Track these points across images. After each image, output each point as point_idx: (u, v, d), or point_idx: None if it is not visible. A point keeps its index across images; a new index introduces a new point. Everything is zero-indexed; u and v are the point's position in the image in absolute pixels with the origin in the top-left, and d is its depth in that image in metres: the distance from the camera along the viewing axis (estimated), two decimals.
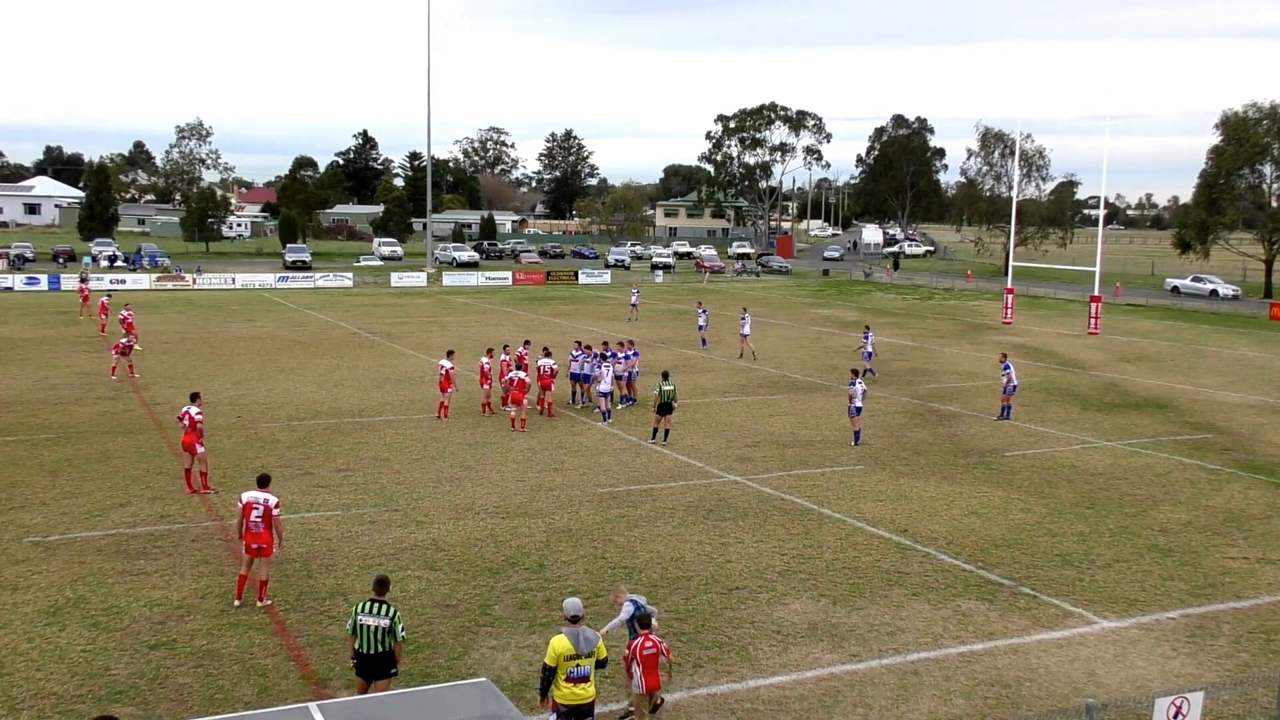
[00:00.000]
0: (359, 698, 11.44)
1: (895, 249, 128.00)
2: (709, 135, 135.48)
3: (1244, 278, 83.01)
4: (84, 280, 59.12)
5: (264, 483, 15.56)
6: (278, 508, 15.31)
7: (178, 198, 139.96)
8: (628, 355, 31.19)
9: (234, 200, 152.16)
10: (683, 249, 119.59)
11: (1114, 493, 22.36)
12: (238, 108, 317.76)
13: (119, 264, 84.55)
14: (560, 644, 10.74)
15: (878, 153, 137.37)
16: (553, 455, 24.61)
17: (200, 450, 20.64)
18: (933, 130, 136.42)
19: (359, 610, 11.74)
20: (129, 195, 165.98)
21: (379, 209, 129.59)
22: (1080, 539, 19.21)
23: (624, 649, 12.62)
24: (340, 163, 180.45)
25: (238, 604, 15.29)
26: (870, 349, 37.79)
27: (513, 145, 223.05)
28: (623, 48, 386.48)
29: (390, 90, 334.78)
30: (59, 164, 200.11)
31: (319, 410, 29.40)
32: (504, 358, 29.75)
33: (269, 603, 15.35)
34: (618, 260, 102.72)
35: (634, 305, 56.27)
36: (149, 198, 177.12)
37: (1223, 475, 24.07)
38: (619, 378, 30.23)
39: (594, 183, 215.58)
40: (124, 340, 34.83)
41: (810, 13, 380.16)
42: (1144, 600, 16.34)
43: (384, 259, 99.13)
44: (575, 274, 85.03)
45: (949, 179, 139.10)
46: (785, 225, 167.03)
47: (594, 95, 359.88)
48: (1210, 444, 27.29)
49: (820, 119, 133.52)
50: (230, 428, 26.77)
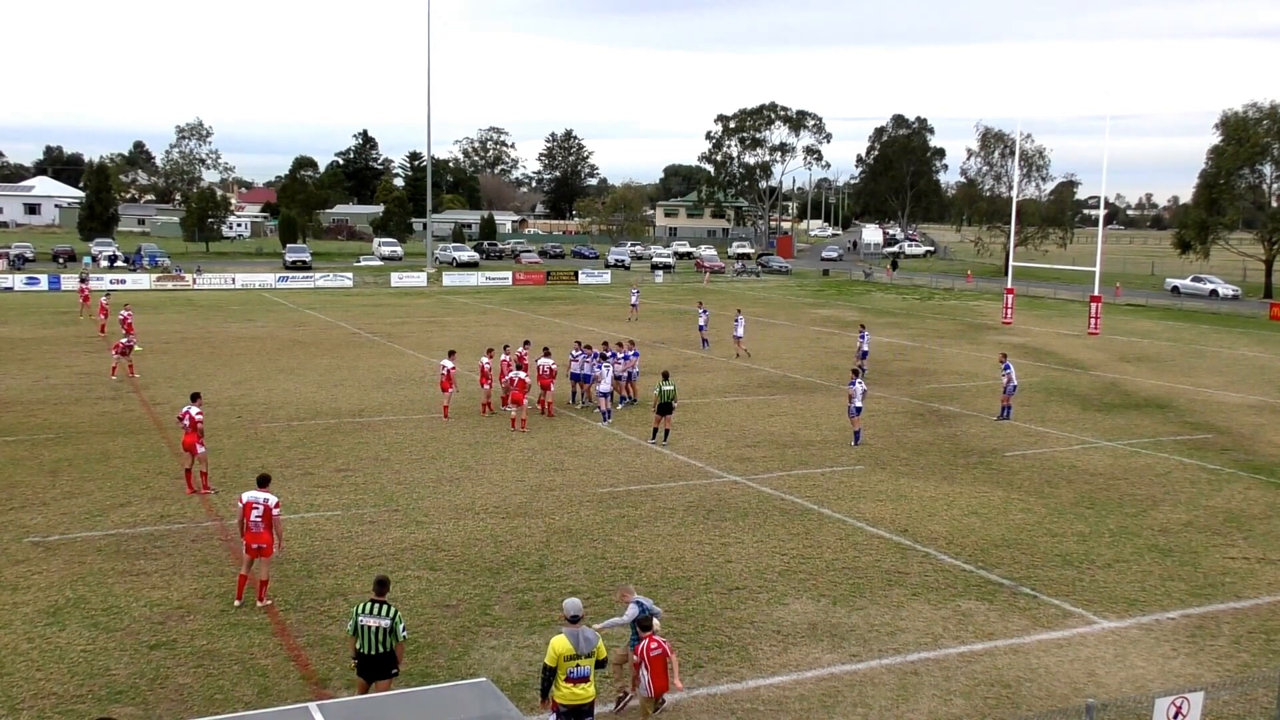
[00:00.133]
0: (359, 698, 11.44)
1: (895, 249, 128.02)
2: (709, 135, 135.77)
3: (1244, 278, 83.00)
4: (84, 280, 59.15)
5: (264, 483, 15.56)
6: (278, 508, 15.32)
7: (178, 198, 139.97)
8: (627, 355, 31.20)
9: (234, 200, 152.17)
10: (683, 249, 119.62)
11: (1114, 493, 22.37)
12: (238, 108, 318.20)
13: (119, 264, 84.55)
14: (560, 644, 10.74)
15: (878, 153, 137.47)
16: (553, 455, 24.62)
17: (200, 450, 20.65)
18: (933, 130, 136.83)
19: (359, 611, 11.74)
20: (129, 195, 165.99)
21: (379, 209, 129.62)
22: (1080, 539, 19.22)
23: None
24: (340, 163, 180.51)
25: (238, 604, 15.29)
26: (865, 348, 37.85)
27: (513, 145, 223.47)
28: (623, 48, 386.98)
29: (390, 90, 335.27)
30: (59, 164, 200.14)
31: (319, 410, 29.41)
32: (504, 358, 29.76)
33: (269, 603, 15.35)
34: (618, 260, 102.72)
35: (634, 305, 56.29)
36: (149, 198, 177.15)
37: (1223, 475, 24.07)
38: (619, 378, 30.24)
39: (594, 183, 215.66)
40: (124, 340, 34.84)
41: (810, 13, 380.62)
42: (1144, 600, 16.35)
43: (384, 259, 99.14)
44: (575, 274, 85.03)
45: (949, 179, 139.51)
46: (785, 225, 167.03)
47: (594, 95, 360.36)
48: (1210, 444, 27.29)
49: (820, 119, 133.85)
50: (230, 428, 26.78)
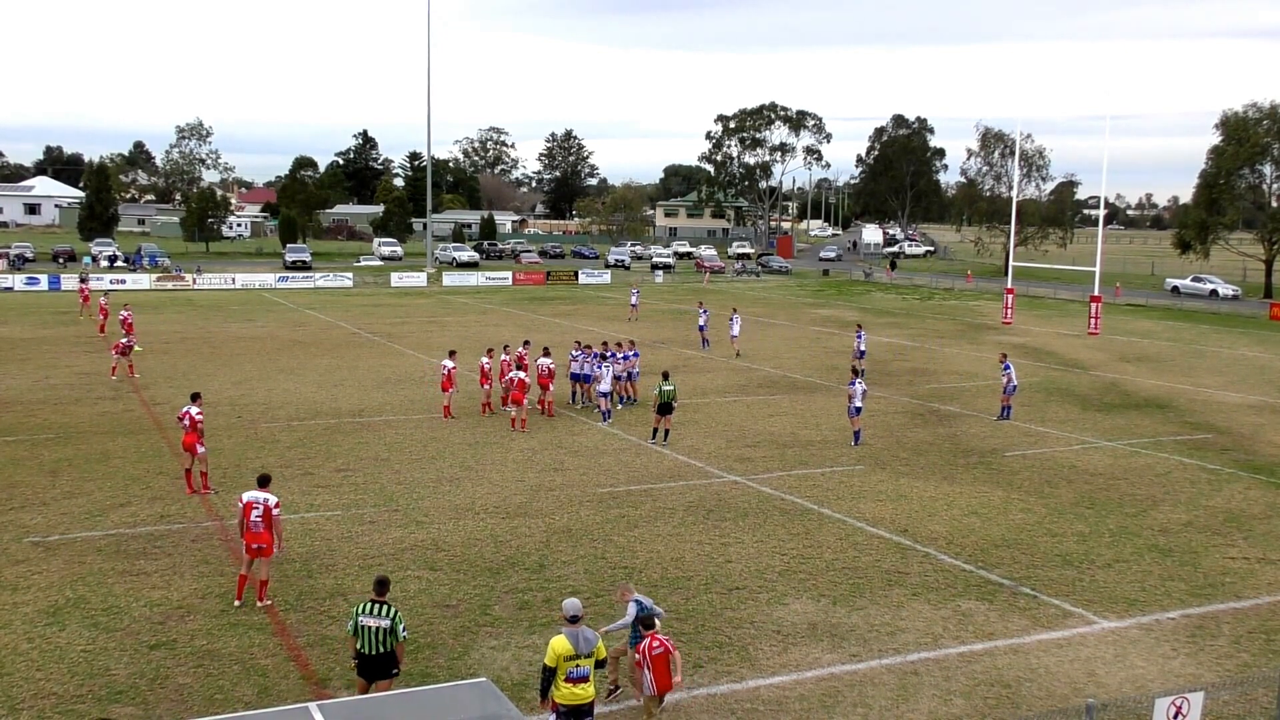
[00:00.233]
0: (359, 698, 11.44)
1: (895, 249, 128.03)
2: (709, 135, 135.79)
3: (1244, 278, 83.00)
4: (84, 280, 59.13)
5: (264, 482, 15.57)
6: (278, 508, 15.32)
7: (178, 198, 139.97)
8: (627, 355, 31.20)
9: (234, 200, 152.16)
10: (683, 249, 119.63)
11: (1114, 493, 22.36)
12: (238, 108, 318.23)
13: (119, 264, 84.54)
14: (560, 644, 10.73)
15: (878, 153, 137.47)
16: (553, 455, 24.62)
17: (200, 450, 20.65)
18: (933, 130, 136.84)
19: (360, 611, 11.73)
20: (129, 195, 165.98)
21: (379, 209, 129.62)
22: (1080, 539, 19.22)
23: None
24: (340, 163, 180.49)
25: (238, 604, 15.29)
26: (863, 348, 37.86)
27: (513, 145, 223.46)
28: (623, 48, 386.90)
29: (390, 90, 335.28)
30: (59, 164, 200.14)
31: (319, 410, 29.41)
32: (504, 358, 29.76)
33: (269, 603, 15.35)
34: (618, 260, 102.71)
35: (634, 305, 56.30)
36: (149, 198, 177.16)
37: (1223, 475, 24.07)
38: (619, 378, 30.23)
39: (594, 183, 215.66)
40: (124, 340, 34.84)
41: (810, 13, 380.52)
42: (1144, 600, 16.35)
43: (384, 259, 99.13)
44: (575, 274, 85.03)
45: (949, 179, 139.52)
46: (785, 225, 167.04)
47: (594, 95, 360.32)
48: (1210, 444, 27.29)
49: (820, 119, 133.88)
50: (230, 428, 26.78)
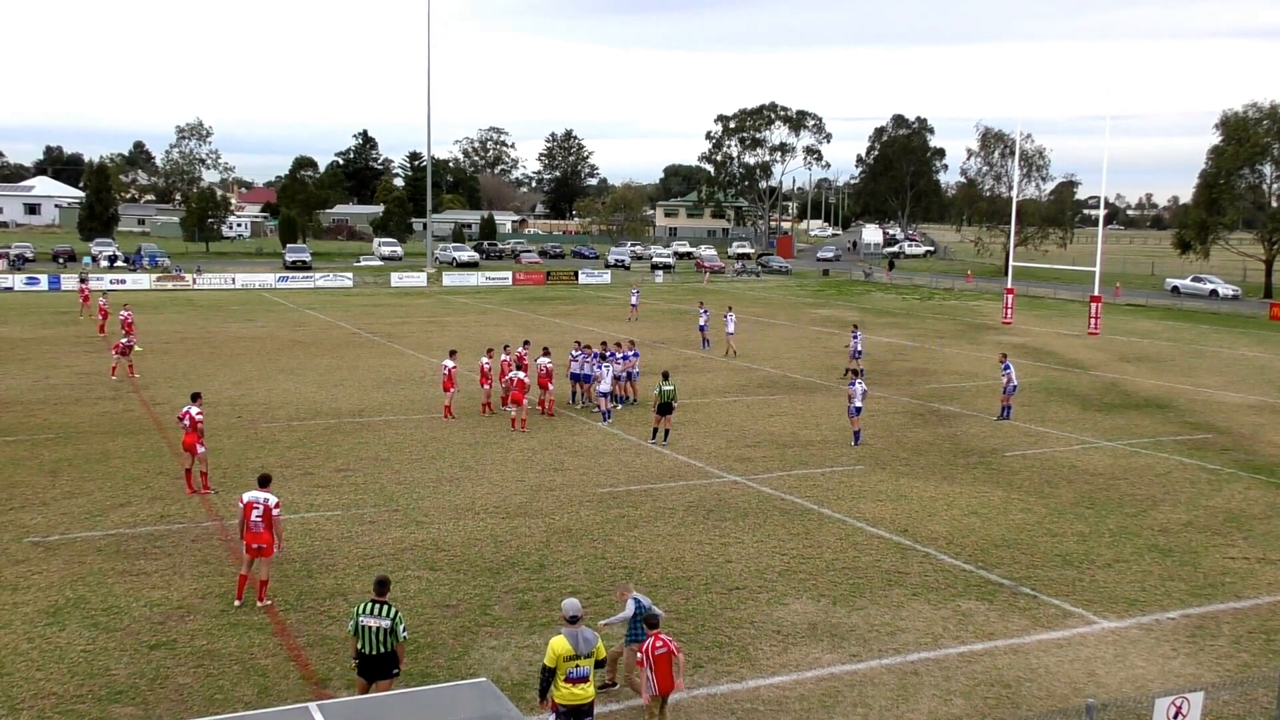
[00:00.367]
0: (359, 698, 11.44)
1: (895, 249, 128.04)
2: (709, 135, 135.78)
3: (1244, 278, 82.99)
4: (84, 280, 59.11)
5: (265, 482, 15.57)
6: (278, 508, 15.32)
7: (178, 198, 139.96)
8: (626, 355, 31.20)
9: (234, 200, 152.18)
10: (683, 249, 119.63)
11: (1114, 493, 22.37)
12: (238, 108, 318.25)
13: (119, 264, 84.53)
14: (559, 645, 10.73)
15: (878, 153, 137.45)
16: (553, 455, 24.62)
17: (200, 450, 20.65)
18: (933, 130, 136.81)
19: (360, 611, 11.74)
20: (129, 195, 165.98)
21: (379, 209, 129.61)
22: (1080, 539, 19.22)
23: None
24: (340, 163, 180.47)
25: (238, 604, 15.29)
26: (859, 348, 37.86)
27: (513, 145, 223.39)
28: (623, 48, 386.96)
29: (390, 90, 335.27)
30: (59, 164, 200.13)
31: (319, 410, 29.41)
32: (504, 358, 29.76)
33: (269, 603, 15.35)
34: (618, 260, 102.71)
35: (634, 305, 56.30)
36: (149, 198, 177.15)
37: (1223, 475, 24.07)
38: (618, 378, 30.24)
39: (594, 183, 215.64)
40: (124, 340, 34.84)
41: (810, 13, 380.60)
42: (1144, 600, 16.35)
43: (384, 259, 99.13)
44: (575, 274, 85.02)
45: (949, 179, 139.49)
46: (785, 225, 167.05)
47: (594, 95, 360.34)
48: (1210, 444, 27.29)
49: (820, 119, 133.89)
50: (230, 428, 26.78)
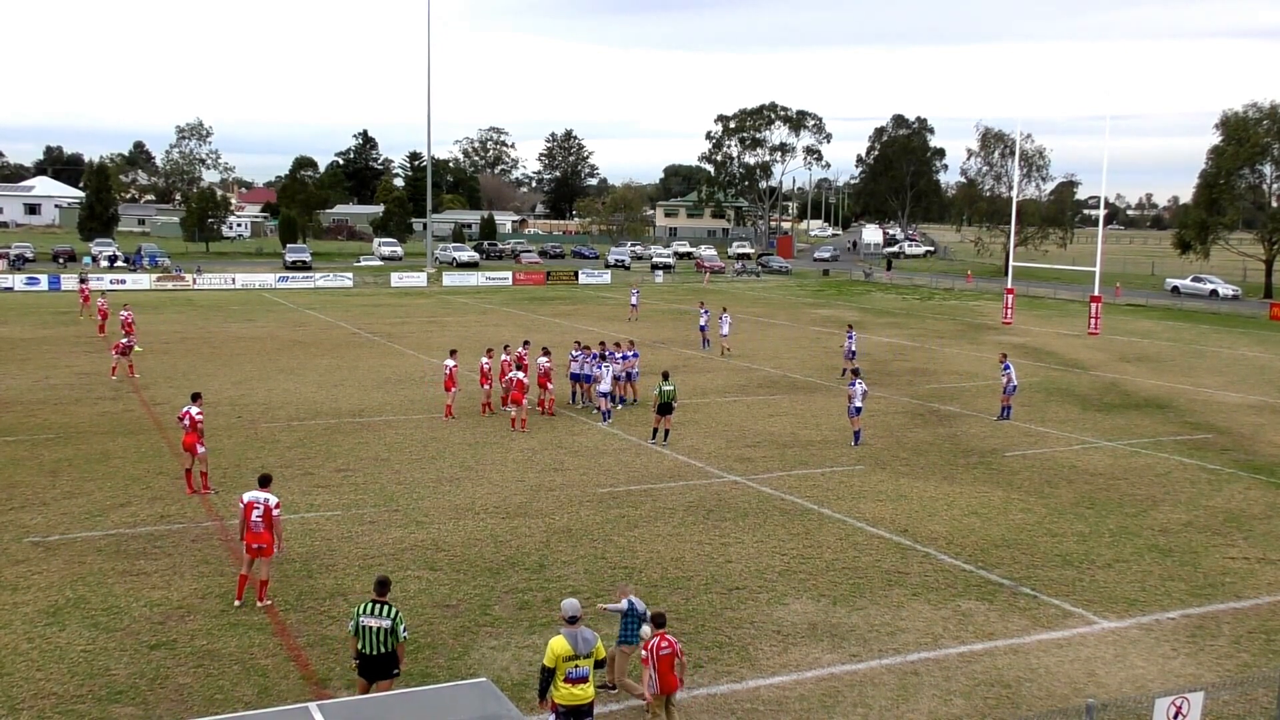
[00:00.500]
0: (359, 698, 11.43)
1: (895, 249, 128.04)
2: (709, 135, 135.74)
3: (1244, 278, 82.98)
4: (84, 281, 59.07)
5: (265, 483, 15.58)
6: (278, 508, 15.32)
7: (178, 198, 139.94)
8: (626, 355, 31.20)
9: (234, 200, 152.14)
10: (683, 249, 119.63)
11: (1114, 493, 22.36)
12: (238, 108, 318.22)
13: (119, 264, 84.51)
14: (558, 645, 10.73)
15: (878, 153, 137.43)
16: (553, 455, 24.62)
17: (200, 450, 20.65)
18: (933, 130, 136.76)
19: (360, 612, 11.74)
20: (129, 195, 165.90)
21: (379, 209, 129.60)
22: (1080, 539, 19.22)
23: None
24: (340, 163, 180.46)
25: (238, 604, 15.29)
26: (853, 348, 37.86)
27: (513, 145, 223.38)
28: (623, 48, 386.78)
29: (390, 90, 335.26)
30: (59, 164, 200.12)
31: (319, 410, 29.41)
32: (504, 358, 29.76)
33: (269, 603, 15.35)
34: (618, 260, 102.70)
35: (634, 305, 56.30)
36: (149, 198, 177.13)
37: (1223, 475, 24.07)
38: (618, 378, 30.24)
39: (594, 183, 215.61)
40: (124, 340, 34.84)
41: (810, 13, 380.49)
42: (1144, 600, 16.35)
43: (384, 259, 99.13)
44: (575, 274, 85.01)
45: (949, 179, 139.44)
46: (785, 225, 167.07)
47: (594, 95, 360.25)
48: (1210, 444, 27.29)
49: (820, 119, 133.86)
50: (230, 428, 26.78)
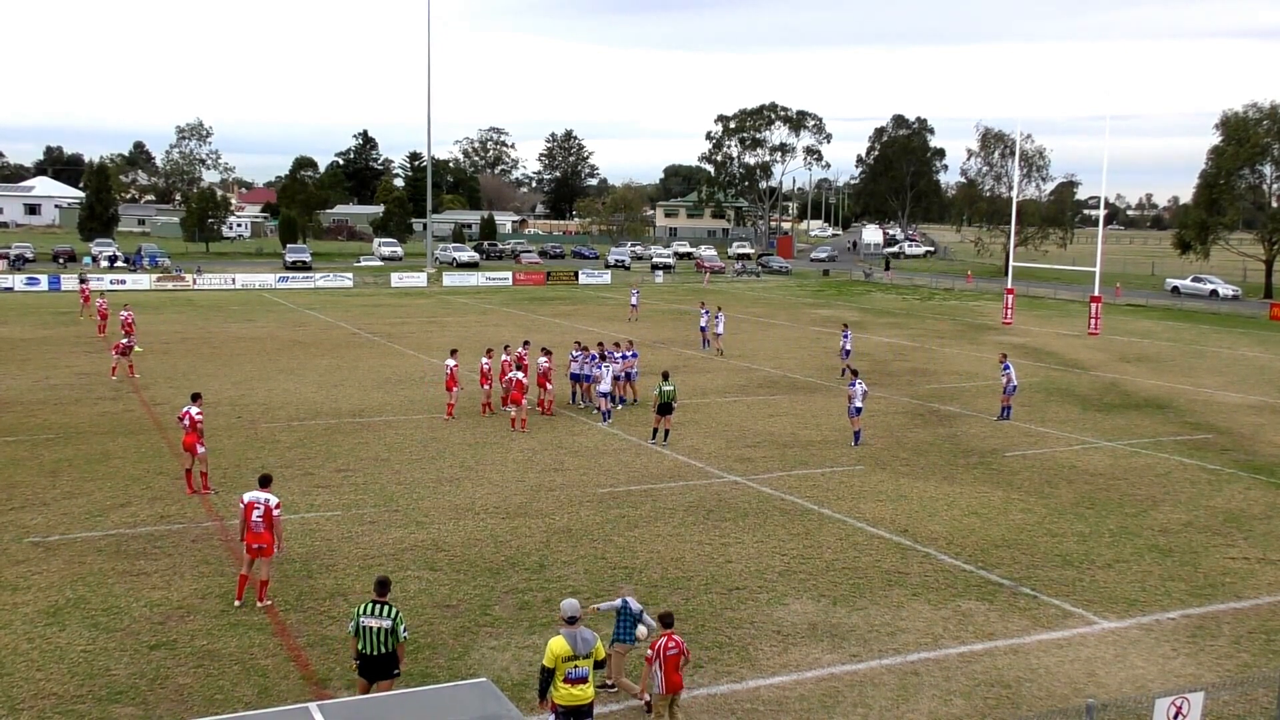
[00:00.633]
0: (359, 698, 11.43)
1: (895, 249, 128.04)
2: (709, 135, 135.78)
3: (1244, 278, 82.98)
4: (84, 281, 59.03)
5: (265, 483, 15.58)
6: (278, 508, 15.32)
7: (178, 198, 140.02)
8: (625, 355, 31.20)
9: (234, 200, 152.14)
10: (683, 249, 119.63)
11: (1114, 493, 22.36)
12: (238, 108, 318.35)
13: (119, 264, 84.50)
14: (558, 645, 10.73)
15: (878, 153, 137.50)
16: (553, 455, 24.62)
17: (201, 450, 20.65)
18: (933, 130, 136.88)
19: (361, 612, 11.74)
20: (129, 195, 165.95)
21: (379, 209, 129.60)
22: (1080, 539, 19.22)
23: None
24: (340, 163, 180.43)
25: (238, 604, 15.29)
26: (848, 347, 37.87)
27: (513, 145, 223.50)
28: (623, 48, 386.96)
29: (390, 90, 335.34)
30: (59, 164, 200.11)
31: (319, 410, 29.41)
32: (504, 358, 29.77)
33: (269, 603, 15.35)
34: (618, 260, 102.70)
35: (634, 306, 56.30)
36: (149, 198, 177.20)
37: (1223, 475, 24.07)
38: (617, 378, 30.24)
39: (594, 183, 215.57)
40: (124, 341, 34.84)
41: (810, 13, 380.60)
42: (1144, 600, 16.35)
43: (384, 259, 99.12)
44: (575, 274, 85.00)
45: (949, 179, 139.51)
46: (785, 226, 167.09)
47: (594, 95, 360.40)
48: (1210, 444, 27.29)
49: (820, 119, 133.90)
50: (230, 428, 26.78)
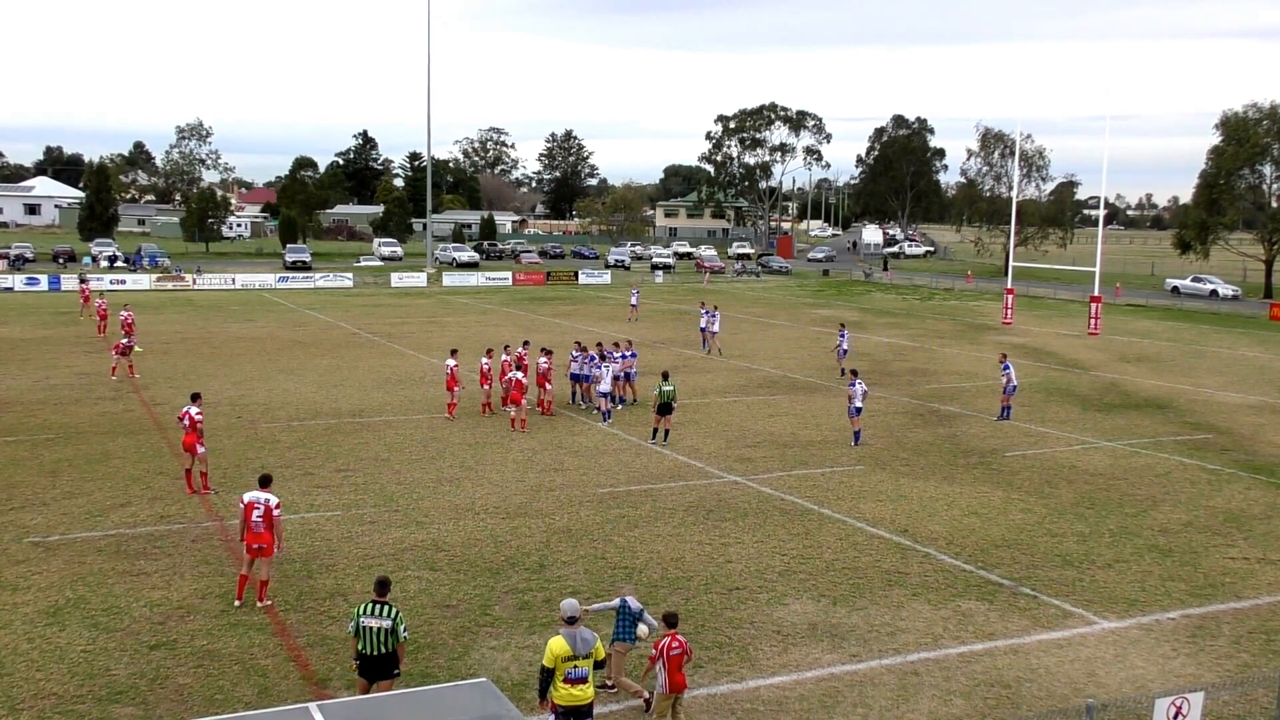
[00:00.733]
0: (359, 698, 11.43)
1: (895, 249, 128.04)
2: (709, 135, 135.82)
3: (1244, 278, 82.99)
4: (84, 281, 59.01)
5: (265, 483, 15.58)
6: (279, 508, 15.32)
7: (178, 198, 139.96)
8: (623, 355, 31.20)
9: (234, 200, 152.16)
10: (683, 249, 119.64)
11: (1114, 493, 22.37)
12: (238, 108, 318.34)
13: (119, 264, 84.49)
14: (558, 645, 10.72)
15: (878, 153, 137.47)
16: (553, 455, 24.62)
17: (200, 450, 20.65)
18: (933, 130, 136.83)
19: (361, 612, 11.74)
20: (129, 195, 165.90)
21: (379, 209, 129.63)
22: (1080, 539, 19.22)
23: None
24: (340, 163, 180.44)
25: (238, 604, 15.29)
26: (845, 346, 37.87)
27: (513, 145, 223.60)
28: (623, 48, 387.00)
29: (390, 90, 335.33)
30: (59, 164, 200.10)
31: (319, 410, 29.41)
32: (504, 358, 29.78)
33: (269, 603, 15.35)
34: (618, 260, 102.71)
35: (634, 306, 56.30)
36: (149, 198, 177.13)
37: (1223, 475, 24.07)
38: (616, 378, 30.24)
39: (594, 183, 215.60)
40: (124, 341, 34.84)
41: (810, 13, 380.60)
42: (1144, 600, 16.35)
43: (384, 259, 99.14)
44: (575, 274, 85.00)
45: (949, 179, 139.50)
46: (785, 226, 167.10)
47: (594, 95, 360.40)
48: (1210, 444, 27.29)
49: (820, 119, 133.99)
50: (230, 428, 26.78)
